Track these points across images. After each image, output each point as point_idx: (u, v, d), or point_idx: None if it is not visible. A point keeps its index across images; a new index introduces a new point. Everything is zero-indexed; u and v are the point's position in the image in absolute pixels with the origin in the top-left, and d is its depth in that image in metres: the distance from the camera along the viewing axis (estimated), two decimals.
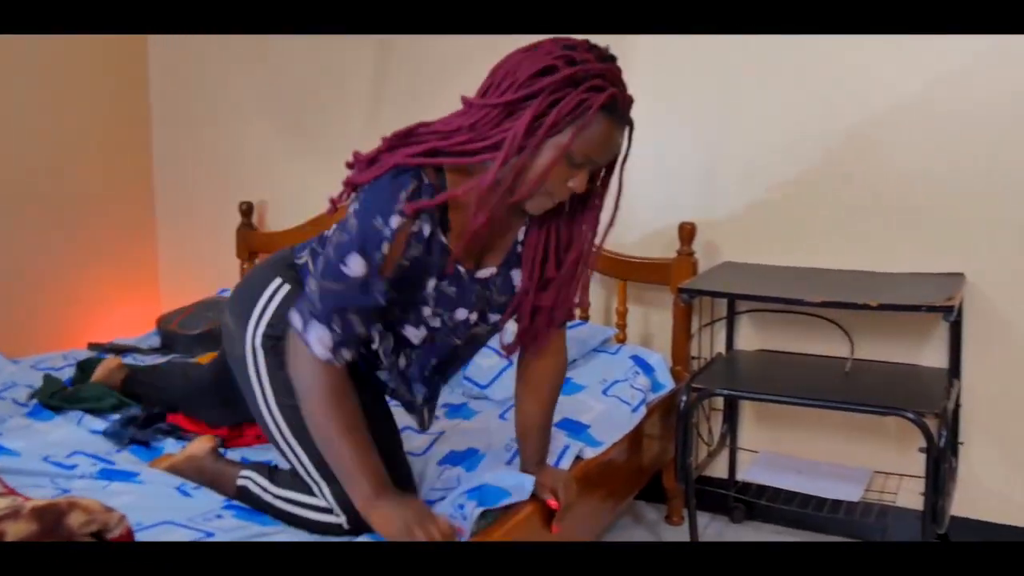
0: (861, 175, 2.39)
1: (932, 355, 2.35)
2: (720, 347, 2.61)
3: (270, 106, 3.25)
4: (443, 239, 1.42)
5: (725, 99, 2.54)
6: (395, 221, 1.33)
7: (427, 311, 1.49)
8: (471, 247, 1.47)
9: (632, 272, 2.61)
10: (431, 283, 1.46)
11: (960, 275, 2.27)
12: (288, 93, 3.20)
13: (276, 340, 1.51)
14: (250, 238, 3.23)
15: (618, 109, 1.34)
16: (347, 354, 1.40)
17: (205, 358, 2.55)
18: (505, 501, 1.56)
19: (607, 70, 1.33)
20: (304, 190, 3.15)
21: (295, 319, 1.40)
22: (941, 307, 1.97)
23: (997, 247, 2.26)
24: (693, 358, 2.61)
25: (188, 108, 3.42)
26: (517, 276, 1.54)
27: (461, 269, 1.48)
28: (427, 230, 1.39)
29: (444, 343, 1.57)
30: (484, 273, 1.52)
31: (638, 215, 2.63)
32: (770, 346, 2.56)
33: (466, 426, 2.08)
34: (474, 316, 1.55)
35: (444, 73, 2.85)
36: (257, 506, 1.61)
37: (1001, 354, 2.29)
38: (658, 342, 2.69)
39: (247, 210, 3.22)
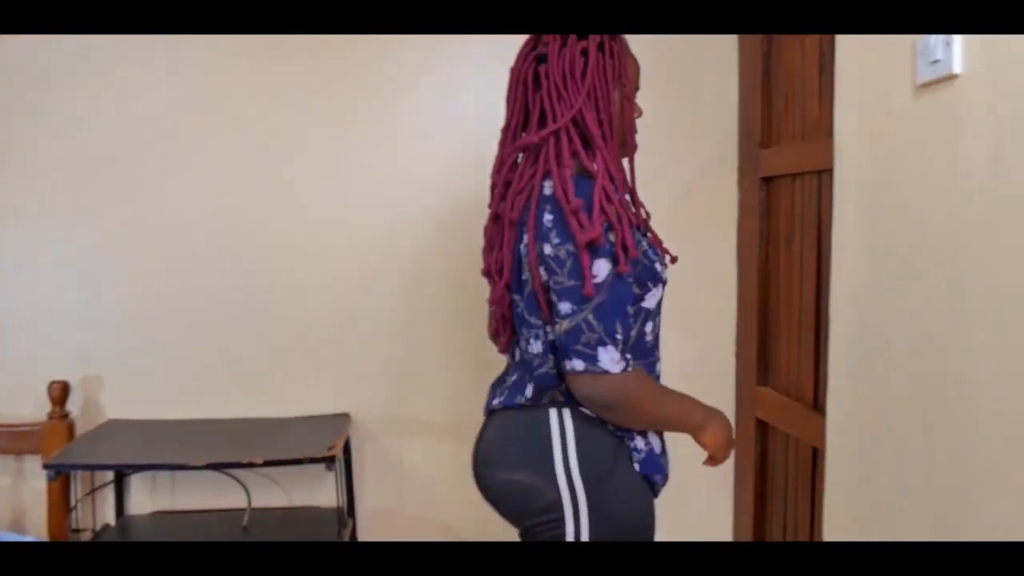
0: (252, 320, 2.36)
1: (329, 494, 2.39)
2: (110, 515, 2.33)
3: None
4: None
5: (102, 238, 2.33)
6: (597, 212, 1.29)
7: (658, 266, 1.44)
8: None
9: None
10: (643, 242, 1.43)
11: (346, 415, 2.36)
12: None
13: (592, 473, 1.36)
14: None
15: (621, 41, 1.44)
16: (631, 355, 1.34)
17: None
18: None
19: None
20: None
21: (577, 364, 1.29)
22: (323, 458, 2.00)
23: (377, 386, 2.40)
24: (77, 531, 2.29)
25: None
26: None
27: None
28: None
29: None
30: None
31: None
32: (167, 506, 2.36)
33: None
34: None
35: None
36: None
37: (387, 489, 2.42)
38: (34, 517, 2.31)
39: None
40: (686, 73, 2.38)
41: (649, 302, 1.41)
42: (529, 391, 1.40)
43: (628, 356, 1.30)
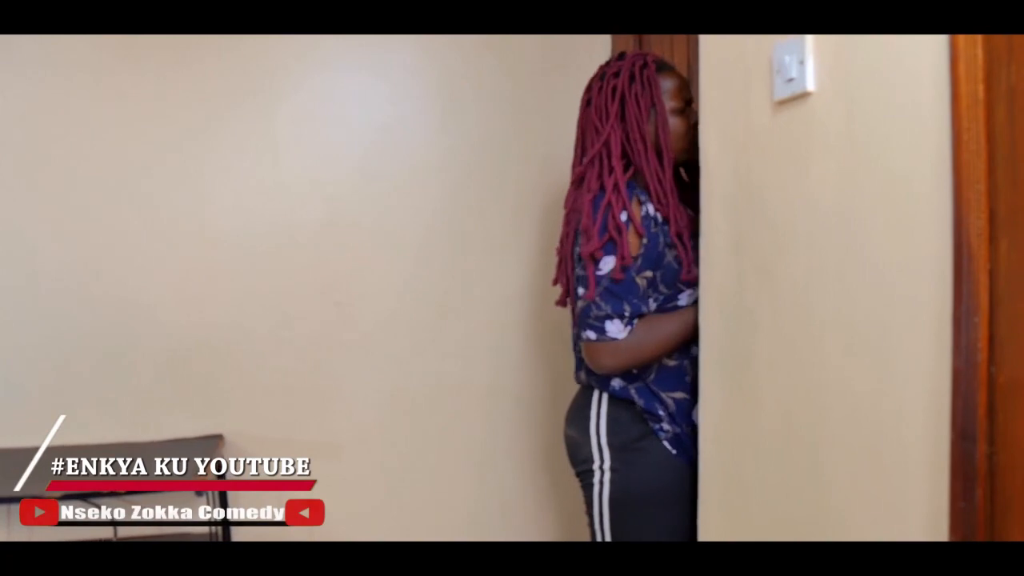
0: (109, 340, 2.26)
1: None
2: None
3: None
4: (658, 215, 1.68)
5: None
6: (623, 215, 1.61)
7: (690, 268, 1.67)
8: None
9: None
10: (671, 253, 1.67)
11: (219, 436, 2.27)
12: None
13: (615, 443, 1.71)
14: None
15: (661, 63, 1.73)
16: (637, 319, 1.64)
17: None
18: None
19: (634, 57, 1.71)
20: None
21: (590, 335, 1.63)
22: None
23: (252, 406, 2.32)
24: None
25: None
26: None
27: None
28: (648, 211, 1.66)
29: None
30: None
31: None
32: (24, 539, 2.21)
33: None
34: None
35: None
36: None
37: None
38: None
39: None
40: (556, 75, 2.40)
41: (684, 300, 1.69)
42: (575, 368, 1.80)
43: (633, 324, 1.62)
